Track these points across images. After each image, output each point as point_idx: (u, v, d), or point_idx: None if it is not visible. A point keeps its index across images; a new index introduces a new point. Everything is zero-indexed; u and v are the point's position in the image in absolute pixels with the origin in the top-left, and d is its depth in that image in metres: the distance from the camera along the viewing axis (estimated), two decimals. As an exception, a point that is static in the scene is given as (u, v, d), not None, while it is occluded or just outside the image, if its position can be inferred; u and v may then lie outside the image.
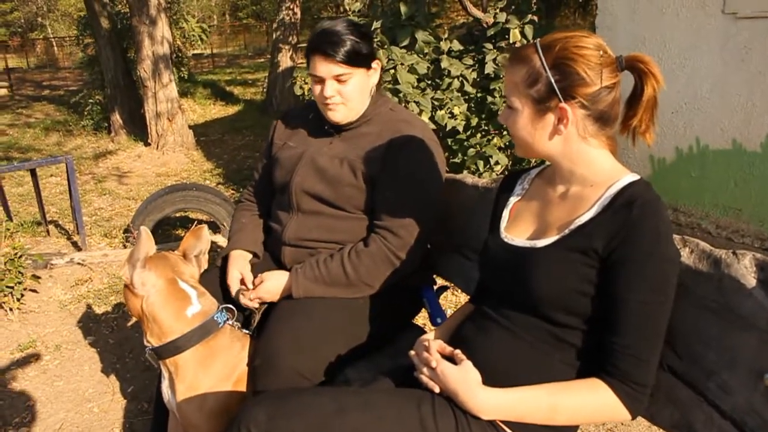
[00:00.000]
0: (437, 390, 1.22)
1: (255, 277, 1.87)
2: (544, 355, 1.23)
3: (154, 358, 1.65)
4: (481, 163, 3.02)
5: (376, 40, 3.40)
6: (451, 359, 1.26)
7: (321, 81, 1.80)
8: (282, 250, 1.91)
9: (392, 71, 3.32)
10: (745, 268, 1.18)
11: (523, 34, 3.64)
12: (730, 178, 3.24)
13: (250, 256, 1.97)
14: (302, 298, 1.76)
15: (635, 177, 1.25)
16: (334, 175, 1.82)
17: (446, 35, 3.59)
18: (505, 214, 1.41)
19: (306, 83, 3.50)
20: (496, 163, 3.01)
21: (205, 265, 1.82)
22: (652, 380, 1.17)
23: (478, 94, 3.70)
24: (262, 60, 18.89)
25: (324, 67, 1.77)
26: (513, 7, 3.75)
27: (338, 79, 1.78)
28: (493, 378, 1.21)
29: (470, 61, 3.51)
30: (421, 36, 3.43)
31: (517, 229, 1.36)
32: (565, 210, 1.28)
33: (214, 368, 1.64)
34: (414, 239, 1.76)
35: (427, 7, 3.59)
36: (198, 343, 1.63)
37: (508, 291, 1.28)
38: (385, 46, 3.37)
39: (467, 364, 1.21)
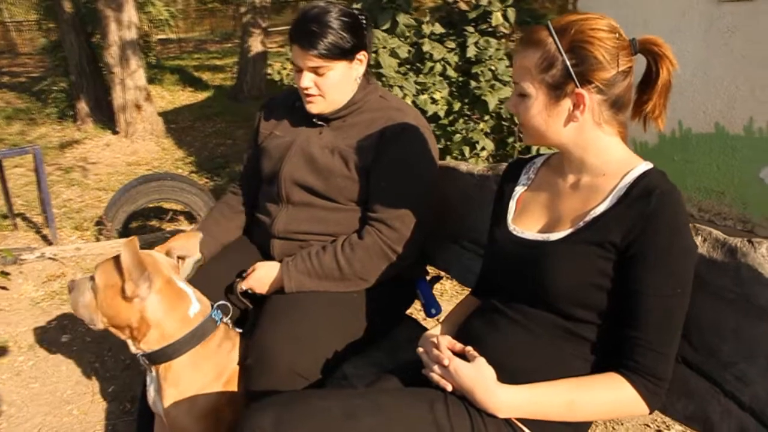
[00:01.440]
0: (450, 388, 1.17)
1: (248, 269, 1.80)
2: (558, 350, 1.19)
3: (146, 363, 1.57)
4: (467, 149, 2.97)
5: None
6: (462, 356, 1.21)
7: (299, 70, 1.73)
8: (271, 242, 1.84)
9: (374, 55, 3.24)
10: (762, 257, 1.15)
11: (505, 17, 3.59)
12: (712, 162, 3.25)
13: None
14: (294, 292, 1.69)
15: (649, 165, 1.21)
16: (325, 165, 1.75)
17: (427, 18, 3.52)
18: (512, 205, 1.36)
19: (284, 69, 3.40)
20: (482, 148, 2.97)
21: (186, 271, 1.73)
22: (671, 373, 1.14)
23: (460, 79, 3.64)
24: (230, 45, 18.55)
25: (300, 58, 1.70)
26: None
27: (315, 71, 1.71)
28: (506, 375, 1.16)
29: (452, 45, 3.45)
30: (402, 19, 3.35)
31: (526, 221, 1.31)
32: (578, 201, 1.23)
33: (206, 369, 1.56)
34: (410, 231, 1.70)
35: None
36: (197, 345, 1.55)
37: (520, 285, 1.23)
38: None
39: (481, 361, 1.16)
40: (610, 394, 1.12)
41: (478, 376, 1.14)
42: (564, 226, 1.22)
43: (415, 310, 2.71)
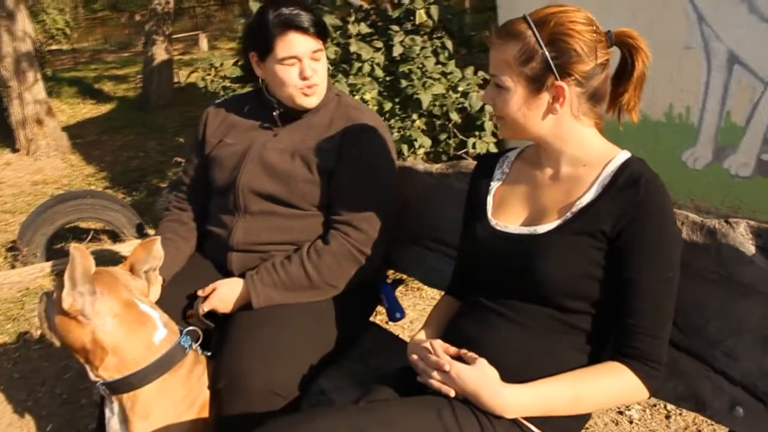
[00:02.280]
0: (452, 394, 1.13)
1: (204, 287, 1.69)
2: (555, 343, 1.19)
3: (106, 392, 1.44)
4: (405, 147, 2.95)
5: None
6: (458, 359, 1.18)
7: (298, 61, 1.64)
8: (228, 256, 1.74)
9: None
10: (741, 236, 1.19)
11: (429, 14, 3.59)
12: (639, 148, 3.37)
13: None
14: (262, 307, 1.61)
15: (627, 154, 1.23)
16: (286, 170, 1.67)
17: (353, 18, 3.47)
18: (489, 200, 1.35)
19: (209, 75, 3.26)
20: (420, 146, 2.96)
21: (154, 281, 1.61)
22: (666, 356, 1.15)
23: (387, 78, 3.62)
24: (128, 54, 17.76)
25: (302, 44, 1.62)
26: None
27: (313, 57, 1.65)
28: (506, 374, 1.14)
29: (380, 44, 3.42)
30: (328, 20, 3.29)
31: (506, 215, 1.29)
32: (560, 192, 1.23)
33: (177, 397, 1.46)
34: (377, 232, 1.66)
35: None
36: (165, 373, 1.44)
37: (509, 281, 1.22)
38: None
39: (482, 363, 1.13)
40: (613, 383, 1.13)
41: (482, 378, 1.12)
42: (550, 217, 1.21)
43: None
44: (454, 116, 2.93)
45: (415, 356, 1.22)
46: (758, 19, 2.74)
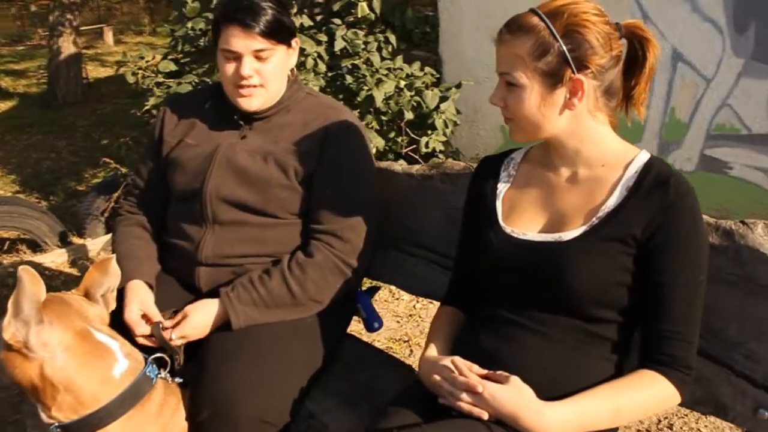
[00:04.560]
0: (485, 417, 1.05)
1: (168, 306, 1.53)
2: (583, 355, 1.14)
3: None
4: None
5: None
6: (486, 378, 1.09)
7: (236, 58, 1.49)
8: (196, 271, 1.58)
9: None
10: (761, 237, 1.17)
11: (371, 7, 3.49)
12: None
13: (149, 288, 1.58)
14: (242, 327, 1.46)
15: (647, 153, 1.18)
16: (259, 175, 1.53)
17: (295, 9, 3.33)
18: (498, 205, 1.27)
19: (140, 69, 3.02)
20: (374, 146, 2.87)
21: (113, 305, 1.43)
22: (696, 360, 1.12)
23: (329, 74, 3.50)
24: (23, 47, 16.59)
25: (241, 41, 1.47)
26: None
27: (258, 56, 1.49)
28: (538, 391, 1.07)
29: (324, 37, 3.30)
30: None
31: (521, 222, 1.22)
32: (581, 196, 1.17)
33: (150, 435, 1.29)
34: (363, 242, 1.56)
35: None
36: (131, 409, 1.27)
37: (533, 291, 1.15)
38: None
39: (517, 381, 1.06)
40: (651, 393, 1.09)
41: (519, 398, 1.04)
42: (574, 223, 1.15)
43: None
44: (409, 114, 2.85)
45: (437, 377, 1.13)
46: (700, 18, 2.81)
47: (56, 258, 3.32)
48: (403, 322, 2.95)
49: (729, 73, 2.81)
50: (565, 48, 1.09)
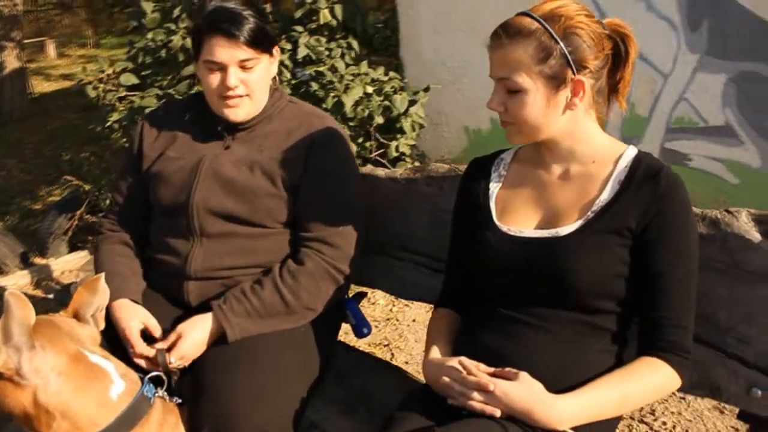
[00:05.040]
0: (498, 414, 1.07)
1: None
2: (585, 347, 1.17)
3: None
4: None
5: (182, 27, 2.99)
6: (495, 376, 1.11)
7: (221, 69, 1.48)
8: (184, 286, 1.55)
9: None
10: (746, 224, 1.22)
11: (332, 13, 3.50)
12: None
13: (139, 307, 1.54)
14: (238, 339, 1.45)
15: (635, 148, 1.22)
16: (246, 185, 1.52)
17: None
18: (492, 205, 1.29)
19: (102, 83, 2.95)
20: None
21: (102, 324, 1.39)
22: (692, 345, 1.16)
23: (293, 81, 3.49)
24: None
25: (226, 51, 1.46)
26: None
27: (243, 65, 1.49)
28: (544, 385, 1.09)
29: (288, 45, 3.28)
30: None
31: (516, 220, 1.25)
32: (574, 192, 1.21)
33: (152, 456, 1.26)
34: (353, 248, 1.56)
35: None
36: (131, 431, 1.24)
37: (533, 287, 1.18)
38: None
39: (527, 377, 1.08)
40: (654, 379, 1.12)
41: (531, 393, 1.06)
42: (569, 218, 1.18)
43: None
44: (379, 119, 2.86)
45: (446, 379, 1.14)
46: (656, 16, 2.91)
47: (18, 280, 3.21)
48: (381, 326, 2.96)
49: (685, 68, 2.91)
50: (566, 50, 1.12)
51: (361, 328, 1.81)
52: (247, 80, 1.50)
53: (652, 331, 1.14)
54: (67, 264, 3.36)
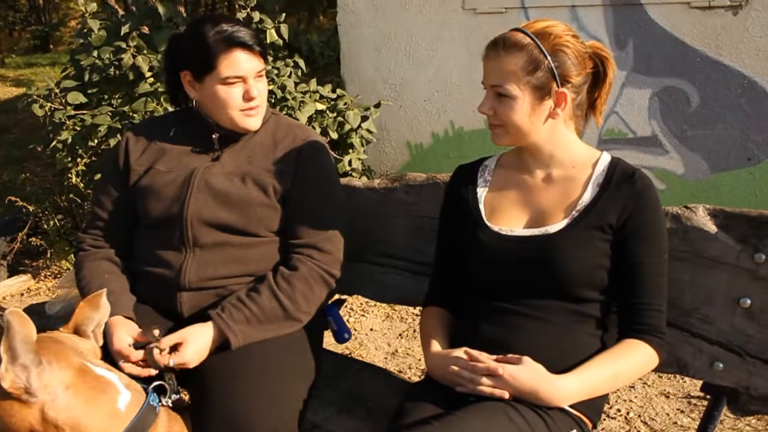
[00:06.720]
0: (507, 396, 1.17)
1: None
2: (575, 333, 1.29)
3: None
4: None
5: (132, 45, 2.98)
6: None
7: (242, 81, 1.55)
8: (177, 297, 1.57)
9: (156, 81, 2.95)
10: (703, 218, 1.39)
11: (279, 33, 3.57)
12: (486, 153, 3.68)
13: (132, 323, 1.56)
14: (241, 346, 1.49)
15: (608, 154, 1.37)
16: (240, 196, 1.57)
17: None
18: (481, 208, 1.41)
19: (48, 101, 2.87)
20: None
21: (101, 340, 1.40)
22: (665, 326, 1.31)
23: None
24: None
25: (248, 63, 1.53)
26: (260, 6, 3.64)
27: (258, 75, 1.58)
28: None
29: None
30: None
31: (505, 220, 1.37)
32: (558, 193, 1.34)
33: (160, 466, 1.29)
34: (342, 253, 1.63)
35: (186, 6, 3.27)
36: None
37: (527, 280, 1.29)
38: (144, 52, 2.96)
39: (530, 361, 1.20)
40: (638, 358, 1.26)
41: (536, 375, 1.18)
42: (556, 218, 1.31)
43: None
44: (333, 134, 2.96)
45: (455, 367, 1.23)
46: (586, 36, 3.14)
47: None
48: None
49: (614, 84, 3.16)
50: (553, 65, 1.25)
51: (342, 333, 1.88)
52: (261, 90, 1.58)
53: (632, 315, 1.28)
54: (8, 288, 3.23)
